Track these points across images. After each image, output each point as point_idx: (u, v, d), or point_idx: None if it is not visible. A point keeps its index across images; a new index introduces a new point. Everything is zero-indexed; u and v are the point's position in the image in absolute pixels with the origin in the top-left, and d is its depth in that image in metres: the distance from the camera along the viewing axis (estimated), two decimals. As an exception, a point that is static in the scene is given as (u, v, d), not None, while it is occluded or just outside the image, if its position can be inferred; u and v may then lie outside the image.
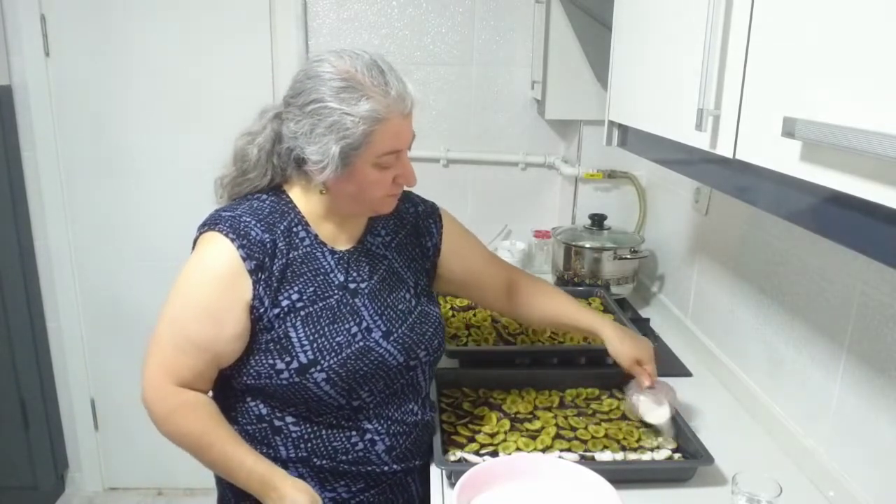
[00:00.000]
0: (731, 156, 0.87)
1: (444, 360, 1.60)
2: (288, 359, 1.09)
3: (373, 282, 1.19)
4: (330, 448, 1.15)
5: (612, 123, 1.40)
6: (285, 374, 1.09)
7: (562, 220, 2.35)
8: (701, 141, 0.94)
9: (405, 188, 1.19)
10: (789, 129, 0.67)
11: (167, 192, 2.37)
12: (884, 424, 1.07)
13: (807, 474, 1.23)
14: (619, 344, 1.33)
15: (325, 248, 1.16)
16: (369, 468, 1.17)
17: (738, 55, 0.85)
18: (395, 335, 1.17)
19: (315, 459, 1.15)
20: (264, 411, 1.15)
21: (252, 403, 1.15)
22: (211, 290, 1.08)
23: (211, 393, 1.16)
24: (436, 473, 1.22)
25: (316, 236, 1.16)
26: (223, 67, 2.28)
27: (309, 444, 1.14)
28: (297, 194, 1.17)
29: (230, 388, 1.16)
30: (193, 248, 1.14)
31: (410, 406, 1.21)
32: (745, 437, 1.37)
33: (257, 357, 1.11)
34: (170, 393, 1.09)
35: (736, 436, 1.37)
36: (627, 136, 1.36)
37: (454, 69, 2.32)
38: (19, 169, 2.31)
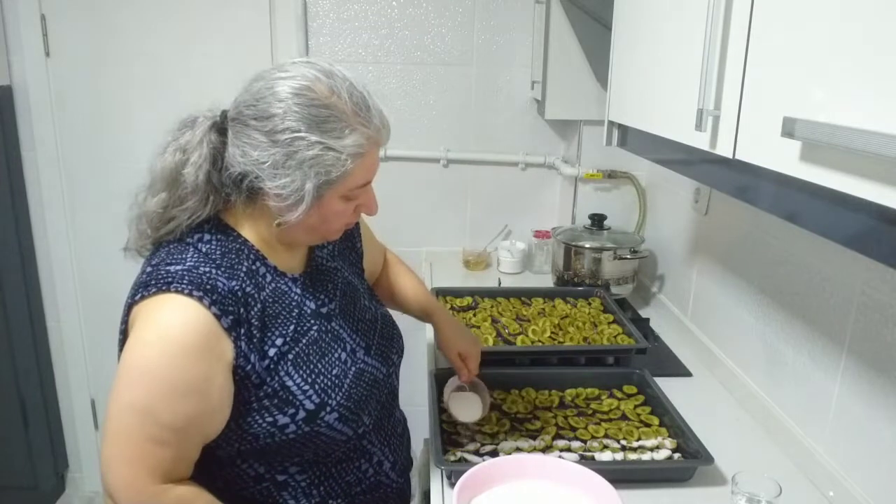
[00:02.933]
0: (731, 156, 0.87)
1: (444, 360, 1.60)
2: (292, 411, 0.96)
3: (338, 299, 1.11)
4: (343, 484, 1.08)
5: (612, 123, 1.40)
6: (292, 428, 0.97)
7: (562, 220, 2.35)
8: (701, 141, 0.94)
9: None
10: (789, 129, 0.67)
11: (167, 192, 2.37)
12: (884, 424, 1.07)
13: (807, 474, 1.23)
14: (446, 334, 1.33)
15: (286, 279, 1.04)
16: (381, 491, 1.13)
17: (738, 55, 0.85)
18: (374, 348, 1.12)
19: (330, 501, 1.07)
20: (262, 470, 1.02)
21: (245, 466, 1.02)
22: (187, 364, 0.88)
23: None
24: (436, 473, 1.22)
25: (275, 268, 1.02)
26: (223, 68, 2.27)
27: (321, 488, 1.05)
28: (244, 226, 1.01)
29: (213, 459, 1.00)
30: (128, 316, 0.93)
31: (395, 414, 1.22)
32: (745, 437, 1.37)
33: (249, 419, 0.96)
34: (155, 495, 0.89)
35: (736, 436, 1.37)
36: (627, 136, 1.36)
37: (454, 69, 2.32)
38: (19, 169, 2.31)
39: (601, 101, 1.48)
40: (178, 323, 0.89)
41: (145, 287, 0.92)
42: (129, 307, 0.93)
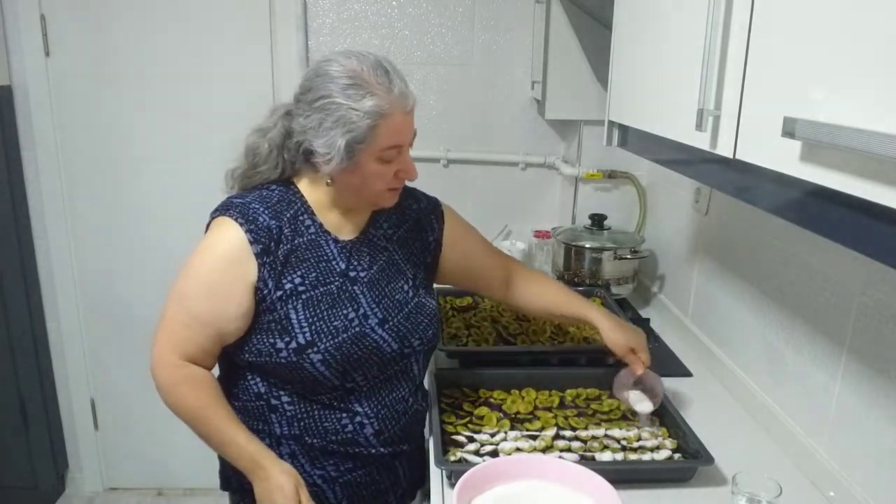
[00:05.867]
0: (731, 156, 0.87)
1: (444, 360, 1.60)
2: (287, 339, 1.15)
3: (372, 271, 1.24)
4: (321, 428, 1.20)
5: (612, 123, 1.40)
6: (284, 353, 1.15)
7: (562, 220, 2.35)
8: (701, 141, 0.94)
9: (408, 184, 1.25)
10: (789, 129, 0.67)
11: (167, 192, 2.37)
12: (884, 424, 1.07)
13: (807, 474, 1.23)
14: (613, 332, 1.36)
15: (329, 237, 1.22)
16: (357, 449, 1.22)
17: (738, 55, 0.85)
18: (391, 323, 1.22)
19: (307, 438, 1.20)
20: (262, 389, 1.20)
21: (252, 381, 1.21)
22: (218, 269, 1.14)
23: (218, 372, 1.23)
24: (436, 473, 1.22)
25: (321, 225, 1.21)
26: (223, 67, 2.28)
27: (302, 423, 1.20)
28: (304, 186, 1.23)
29: (233, 365, 1.22)
30: (206, 231, 1.19)
31: (402, 393, 1.26)
32: (745, 437, 1.37)
33: (259, 336, 1.16)
34: (175, 365, 1.14)
35: (736, 436, 1.37)
36: (627, 136, 1.36)
37: (454, 69, 2.32)
38: (19, 169, 2.32)
39: (601, 101, 1.48)
40: (220, 238, 1.15)
41: (215, 210, 1.19)
42: (207, 224, 1.20)
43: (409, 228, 1.33)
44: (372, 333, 1.19)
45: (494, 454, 1.24)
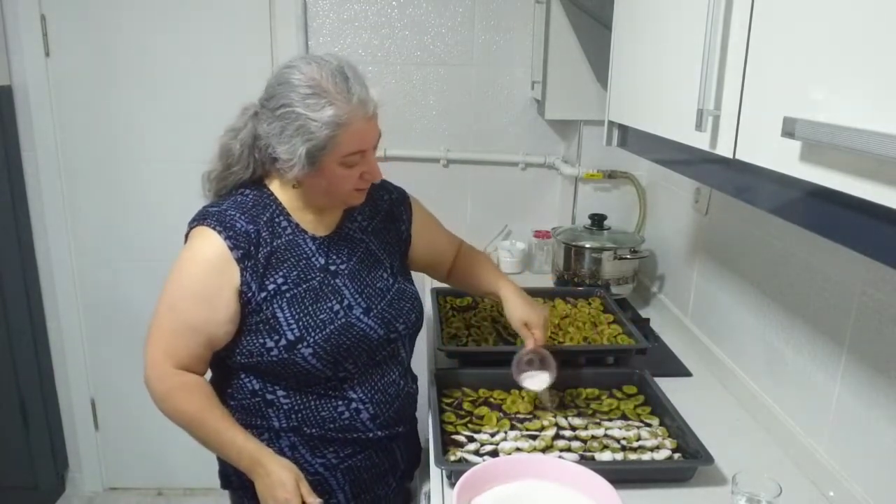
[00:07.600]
0: (731, 156, 0.87)
1: (444, 359, 1.60)
2: (277, 337, 1.18)
3: (352, 263, 1.28)
4: (318, 417, 1.23)
5: (612, 123, 1.40)
6: (275, 352, 1.18)
7: (562, 220, 2.35)
8: (701, 141, 0.94)
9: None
10: (789, 129, 0.67)
11: (167, 192, 2.37)
12: (884, 424, 1.07)
13: (807, 474, 1.23)
14: (513, 307, 1.40)
15: (305, 236, 1.25)
16: (355, 435, 1.26)
17: (738, 55, 0.85)
18: (375, 311, 1.26)
19: (305, 428, 1.23)
20: (257, 386, 1.23)
21: (246, 379, 1.24)
22: (203, 277, 1.16)
23: (210, 375, 1.25)
24: (436, 473, 1.22)
25: (297, 225, 1.24)
26: (223, 68, 2.27)
27: (299, 415, 1.23)
28: (276, 187, 1.25)
29: (225, 367, 1.25)
30: (185, 242, 1.22)
31: (393, 377, 1.30)
32: (745, 437, 1.37)
33: (248, 337, 1.19)
34: (169, 374, 1.17)
35: (736, 436, 1.37)
36: (627, 136, 1.36)
37: (454, 69, 2.32)
38: (19, 169, 2.32)
39: (601, 101, 1.48)
40: (201, 247, 1.17)
41: (192, 220, 1.21)
42: (186, 235, 1.22)
43: (383, 219, 1.37)
44: (358, 322, 1.22)
45: (494, 454, 1.24)
